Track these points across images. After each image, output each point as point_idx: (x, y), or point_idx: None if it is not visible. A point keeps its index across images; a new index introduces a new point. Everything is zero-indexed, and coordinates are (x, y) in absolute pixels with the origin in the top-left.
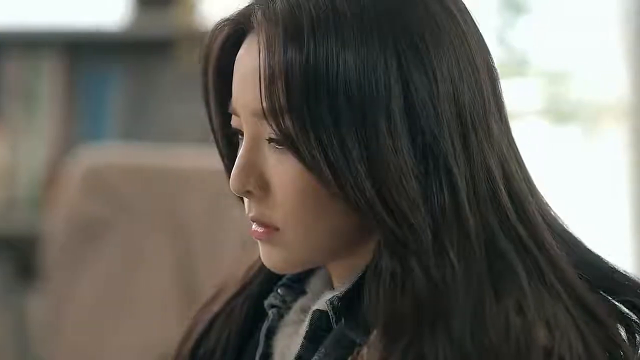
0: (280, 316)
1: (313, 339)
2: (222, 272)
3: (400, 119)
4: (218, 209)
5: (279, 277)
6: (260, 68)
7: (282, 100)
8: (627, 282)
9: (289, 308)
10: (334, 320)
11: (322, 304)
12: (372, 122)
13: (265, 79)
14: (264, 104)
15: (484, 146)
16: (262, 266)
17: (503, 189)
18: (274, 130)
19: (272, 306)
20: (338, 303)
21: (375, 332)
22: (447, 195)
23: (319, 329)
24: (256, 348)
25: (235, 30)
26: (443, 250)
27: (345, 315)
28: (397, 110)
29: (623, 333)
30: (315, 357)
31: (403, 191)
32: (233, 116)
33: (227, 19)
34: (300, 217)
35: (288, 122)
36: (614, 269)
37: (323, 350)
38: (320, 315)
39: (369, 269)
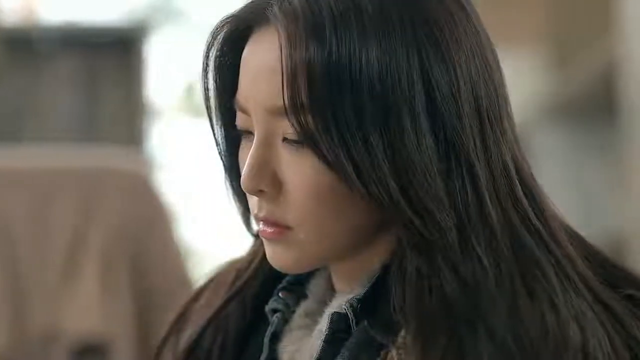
0: (284, 321)
1: (332, 342)
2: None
3: (423, 115)
4: (42, 210)
5: (277, 280)
6: (283, 65)
7: (304, 97)
8: (627, 277)
9: (292, 312)
10: (353, 322)
11: (337, 306)
12: (395, 118)
13: (287, 76)
14: (286, 102)
15: (500, 142)
16: (258, 269)
17: (519, 185)
18: (295, 129)
19: (275, 311)
20: (357, 305)
21: (402, 333)
22: (470, 192)
23: (338, 331)
24: (256, 353)
25: (238, 28)
26: (470, 247)
27: (367, 316)
28: (420, 106)
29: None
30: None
31: (428, 188)
32: (238, 113)
33: (230, 16)
34: (315, 215)
35: (310, 120)
36: (615, 263)
37: (347, 353)
38: (338, 317)
39: (392, 269)
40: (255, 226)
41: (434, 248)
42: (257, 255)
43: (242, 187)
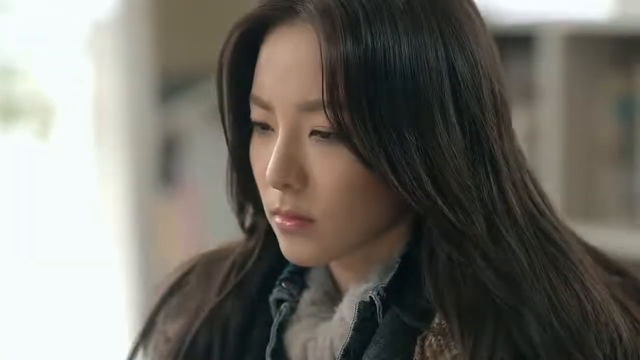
0: (291, 310)
1: (360, 330)
2: None
3: (452, 109)
4: None
5: (275, 274)
6: (322, 61)
7: (342, 93)
8: (613, 265)
9: (296, 302)
10: (381, 310)
11: (359, 295)
12: (427, 112)
13: (326, 72)
14: (325, 98)
15: (511, 135)
16: (257, 264)
17: (528, 177)
18: (332, 123)
19: (280, 301)
20: (384, 293)
21: (437, 319)
22: (493, 182)
23: (365, 320)
24: (259, 344)
25: (255, 26)
26: (500, 236)
27: (394, 304)
28: (449, 100)
29: None
30: (374, 347)
31: (458, 178)
32: (257, 108)
33: (249, 15)
34: (343, 208)
35: (346, 115)
36: (601, 251)
37: (382, 341)
38: (364, 306)
39: (421, 257)
40: (247, 222)
41: (464, 237)
42: (254, 250)
43: (267, 180)
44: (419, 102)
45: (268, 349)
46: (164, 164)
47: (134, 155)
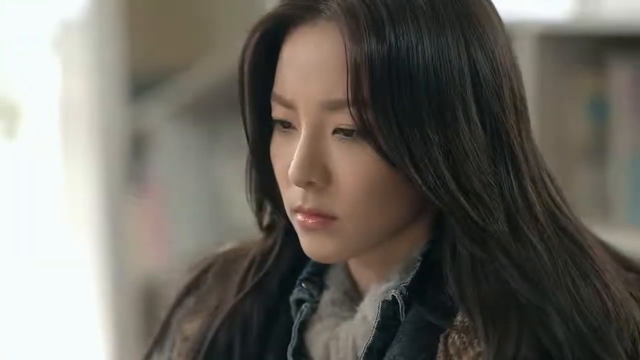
0: (312, 310)
1: (383, 329)
2: None
3: (473, 107)
4: None
5: (294, 274)
6: (347, 60)
7: (366, 92)
8: (626, 261)
9: (317, 302)
10: (403, 309)
11: (380, 294)
12: (449, 110)
13: (351, 71)
14: (350, 96)
15: (529, 133)
16: (277, 262)
17: (547, 174)
18: (356, 122)
19: (300, 301)
20: (407, 292)
21: (459, 317)
22: (513, 180)
23: (387, 318)
24: (280, 343)
25: (277, 25)
26: (522, 234)
27: (416, 302)
28: (471, 98)
29: None
30: (397, 345)
31: (480, 176)
32: (277, 106)
33: (271, 14)
34: (365, 206)
35: (370, 114)
36: (615, 249)
37: (405, 338)
38: (387, 305)
39: (444, 256)
40: (265, 221)
41: (487, 235)
42: (273, 248)
43: (290, 178)
44: (441, 100)
45: (290, 349)
46: (132, 163)
47: (102, 154)
